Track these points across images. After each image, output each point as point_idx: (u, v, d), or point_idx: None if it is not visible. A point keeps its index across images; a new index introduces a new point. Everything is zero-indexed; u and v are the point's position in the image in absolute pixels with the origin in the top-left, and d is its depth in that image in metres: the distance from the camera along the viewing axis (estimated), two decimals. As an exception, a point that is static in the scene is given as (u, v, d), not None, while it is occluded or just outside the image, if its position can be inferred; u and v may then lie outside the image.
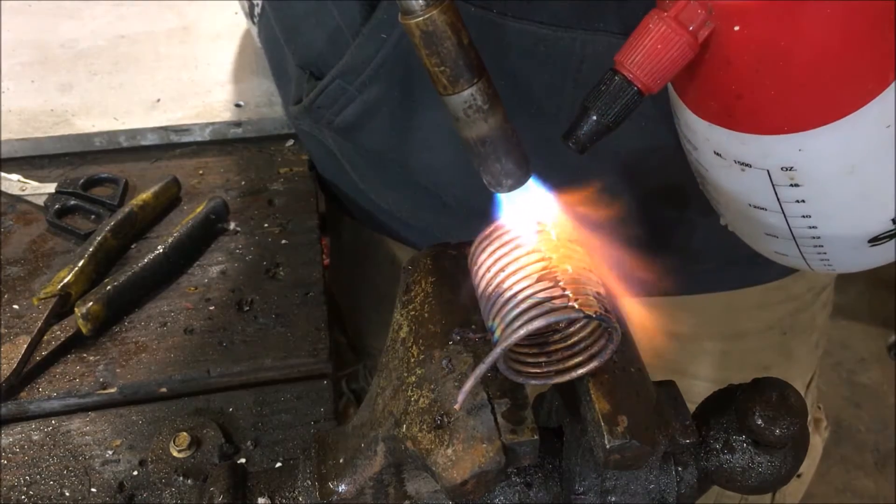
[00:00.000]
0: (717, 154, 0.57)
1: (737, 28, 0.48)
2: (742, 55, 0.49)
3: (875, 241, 0.61)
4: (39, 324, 0.85)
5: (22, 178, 1.02)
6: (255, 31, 1.07)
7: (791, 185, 0.56)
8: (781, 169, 0.55)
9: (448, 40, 0.49)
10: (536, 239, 0.52)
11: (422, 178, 0.91)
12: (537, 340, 0.54)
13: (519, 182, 0.53)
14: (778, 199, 0.58)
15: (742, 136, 0.54)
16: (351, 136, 0.91)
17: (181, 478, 0.73)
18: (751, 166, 0.56)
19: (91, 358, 0.86)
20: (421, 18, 0.48)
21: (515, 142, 0.52)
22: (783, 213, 0.60)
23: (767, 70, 0.49)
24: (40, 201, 1.00)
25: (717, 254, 0.93)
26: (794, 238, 0.62)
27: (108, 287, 0.87)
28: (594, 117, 0.51)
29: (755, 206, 0.61)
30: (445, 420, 0.53)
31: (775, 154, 0.54)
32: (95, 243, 0.91)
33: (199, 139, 1.08)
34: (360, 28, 0.81)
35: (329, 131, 0.92)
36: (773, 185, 0.57)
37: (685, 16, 0.48)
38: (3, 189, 1.01)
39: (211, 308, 0.91)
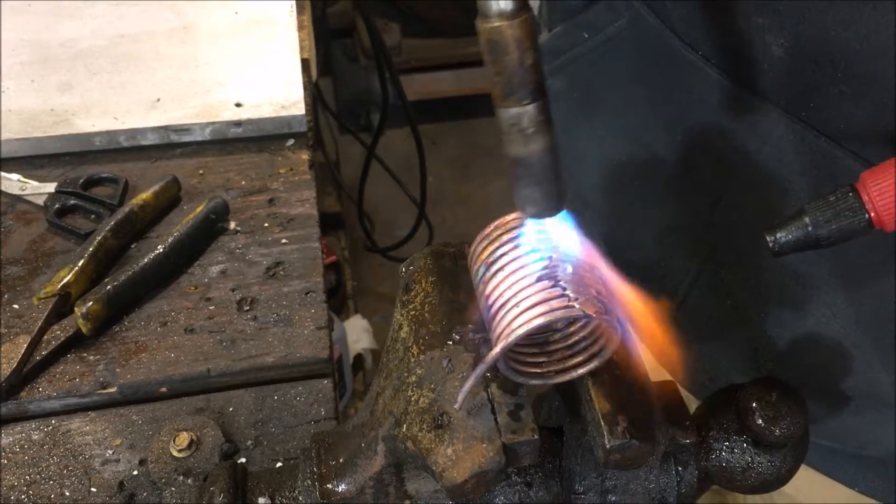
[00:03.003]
0: None
1: None
2: None
3: None
4: (39, 323, 0.85)
5: (22, 178, 1.02)
6: None
7: None
8: None
9: (509, 56, 0.48)
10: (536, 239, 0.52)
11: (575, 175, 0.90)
12: (537, 340, 0.54)
13: (542, 213, 0.52)
14: None
15: None
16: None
17: (181, 478, 0.73)
18: None
19: (91, 358, 0.86)
20: (490, 26, 0.48)
21: (551, 175, 0.51)
22: None
23: None
24: (40, 201, 1.00)
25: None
26: None
27: (108, 287, 0.87)
28: (808, 225, 0.46)
29: None
30: (445, 420, 0.53)
31: None
32: (95, 243, 0.91)
33: (199, 139, 1.08)
34: None
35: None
36: None
37: None
38: (3, 189, 1.01)
39: (211, 308, 0.91)
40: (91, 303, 0.85)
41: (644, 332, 0.56)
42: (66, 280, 0.87)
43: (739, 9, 0.68)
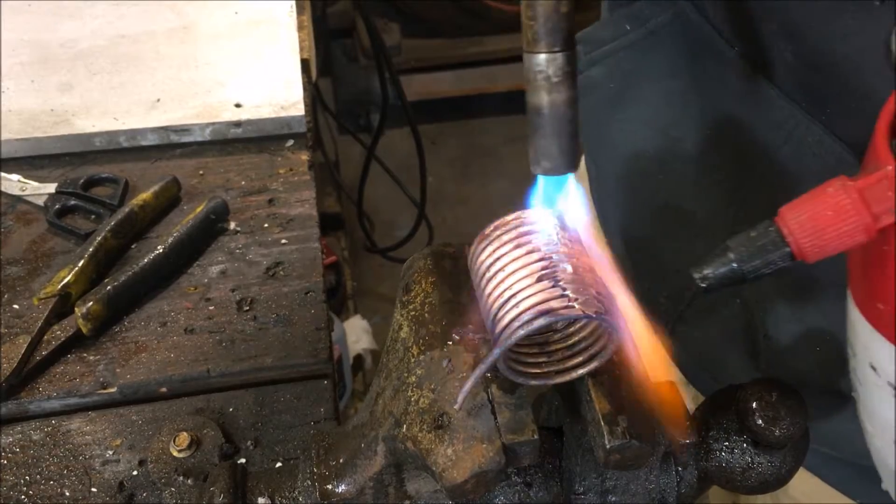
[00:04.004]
0: (872, 368, 0.49)
1: None
2: None
3: None
4: (39, 324, 0.85)
5: (22, 178, 1.02)
6: None
7: None
8: None
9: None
10: (537, 237, 0.52)
11: (604, 176, 0.90)
12: (537, 340, 0.54)
13: (555, 169, 0.52)
14: None
15: None
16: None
17: (181, 478, 0.73)
18: None
19: (91, 358, 0.86)
20: None
21: (569, 130, 0.51)
22: None
23: None
24: (40, 201, 1.00)
25: None
26: None
27: (108, 287, 0.87)
28: (732, 262, 0.46)
29: None
30: (445, 420, 0.53)
31: None
32: (95, 243, 0.91)
33: (199, 139, 1.08)
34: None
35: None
36: None
37: (872, 193, 0.42)
38: (3, 189, 1.01)
39: (211, 308, 0.91)
40: (91, 303, 0.85)
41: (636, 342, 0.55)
42: (66, 280, 0.87)
43: (756, 13, 0.68)
